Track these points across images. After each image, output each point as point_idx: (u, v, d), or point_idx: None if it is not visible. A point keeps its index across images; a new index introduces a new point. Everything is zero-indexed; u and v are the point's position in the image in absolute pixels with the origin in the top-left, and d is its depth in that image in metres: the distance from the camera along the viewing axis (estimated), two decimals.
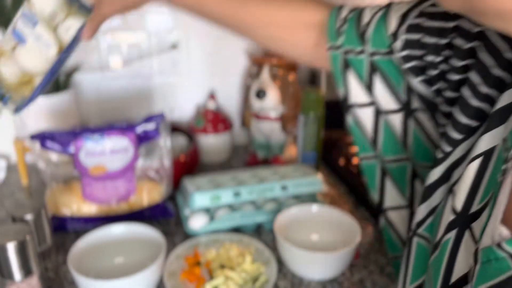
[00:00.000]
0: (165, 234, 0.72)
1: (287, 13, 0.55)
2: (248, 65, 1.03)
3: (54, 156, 0.72)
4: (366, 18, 0.49)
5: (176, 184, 0.84)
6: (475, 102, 0.36)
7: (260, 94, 0.89)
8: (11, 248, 0.50)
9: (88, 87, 0.99)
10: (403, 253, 0.43)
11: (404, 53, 0.45)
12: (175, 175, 0.81)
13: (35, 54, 0.55)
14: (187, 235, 0.73)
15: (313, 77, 1.08)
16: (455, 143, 0.37)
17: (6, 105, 0.57)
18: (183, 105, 1.06)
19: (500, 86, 0.34)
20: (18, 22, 0.55)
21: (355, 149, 1.02)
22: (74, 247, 0.60)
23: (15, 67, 0.57)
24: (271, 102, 0.91)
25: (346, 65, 0.51)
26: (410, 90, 0.47)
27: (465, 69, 0.38)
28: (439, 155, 0.39)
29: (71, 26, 0.55)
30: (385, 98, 0.49)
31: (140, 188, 0.75)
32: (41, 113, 0.87)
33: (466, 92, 0.37)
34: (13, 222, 0.63)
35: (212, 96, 1.01)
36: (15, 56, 0.56)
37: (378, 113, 0.50)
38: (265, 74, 0.91)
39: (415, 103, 0.47)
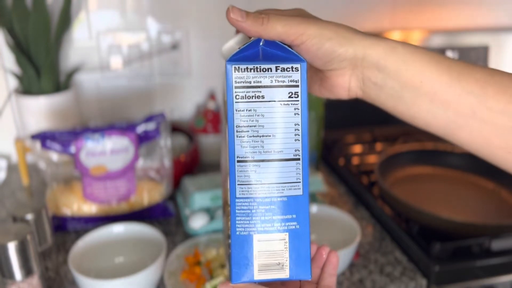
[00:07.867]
0: (165, 234, 0.72)
1: None
2: None
3: (54, 156, 0.72)
4: None
5: (176, 184, 0.84)
6: None
7: None
8: (11, 248, 0.50)
9: (89, 87, 0.99)
10: None
11: None
12: (175, 175, 0.82)
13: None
14: (187, 235, 0.73)
15: None
16: None
17: None
18: (183, 105, 1.06)
19: None
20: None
21: (355, 149, 1.02)
22: (74, 247, 0.60)
23: None
24: None
25: None
26: None
27: None
28: None
29: None
30: None
31: (140, 188, 0.75)
32: (42, 113, 0.87)
33: None
34: (13, 222, 0.63)
35: (212, 96, 1.01)
36: None
37: None
38: None
39: None
